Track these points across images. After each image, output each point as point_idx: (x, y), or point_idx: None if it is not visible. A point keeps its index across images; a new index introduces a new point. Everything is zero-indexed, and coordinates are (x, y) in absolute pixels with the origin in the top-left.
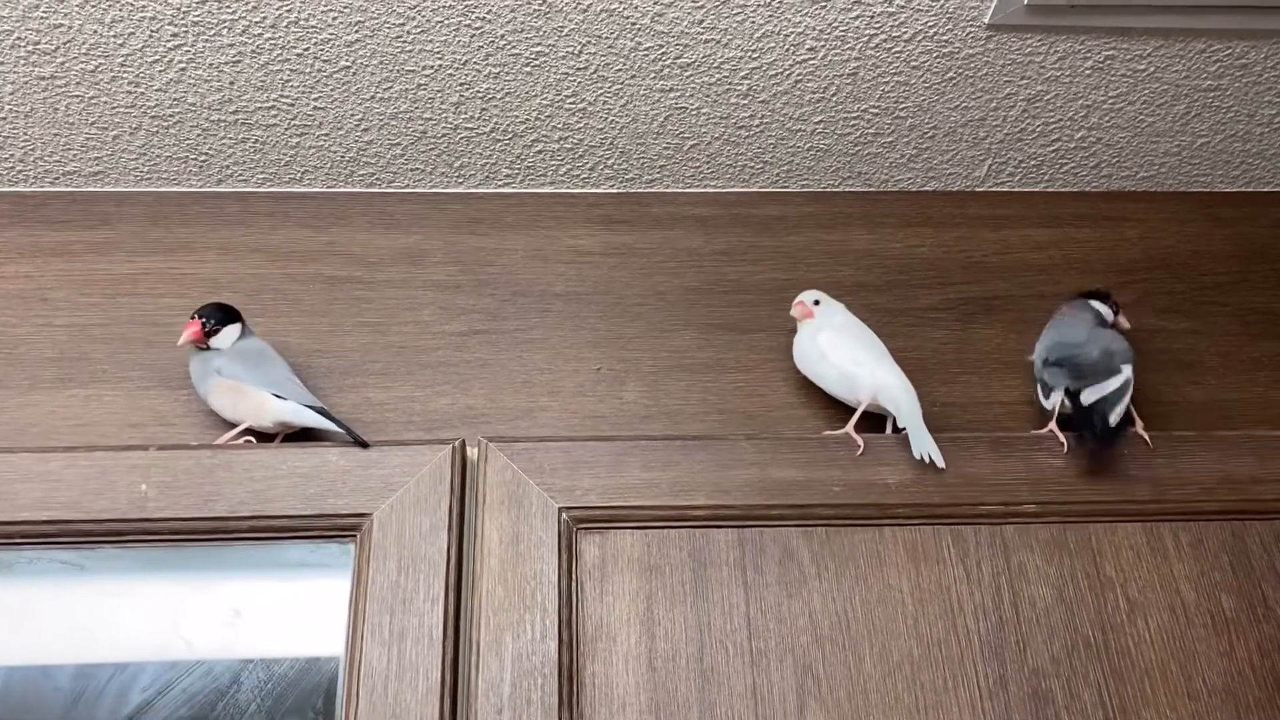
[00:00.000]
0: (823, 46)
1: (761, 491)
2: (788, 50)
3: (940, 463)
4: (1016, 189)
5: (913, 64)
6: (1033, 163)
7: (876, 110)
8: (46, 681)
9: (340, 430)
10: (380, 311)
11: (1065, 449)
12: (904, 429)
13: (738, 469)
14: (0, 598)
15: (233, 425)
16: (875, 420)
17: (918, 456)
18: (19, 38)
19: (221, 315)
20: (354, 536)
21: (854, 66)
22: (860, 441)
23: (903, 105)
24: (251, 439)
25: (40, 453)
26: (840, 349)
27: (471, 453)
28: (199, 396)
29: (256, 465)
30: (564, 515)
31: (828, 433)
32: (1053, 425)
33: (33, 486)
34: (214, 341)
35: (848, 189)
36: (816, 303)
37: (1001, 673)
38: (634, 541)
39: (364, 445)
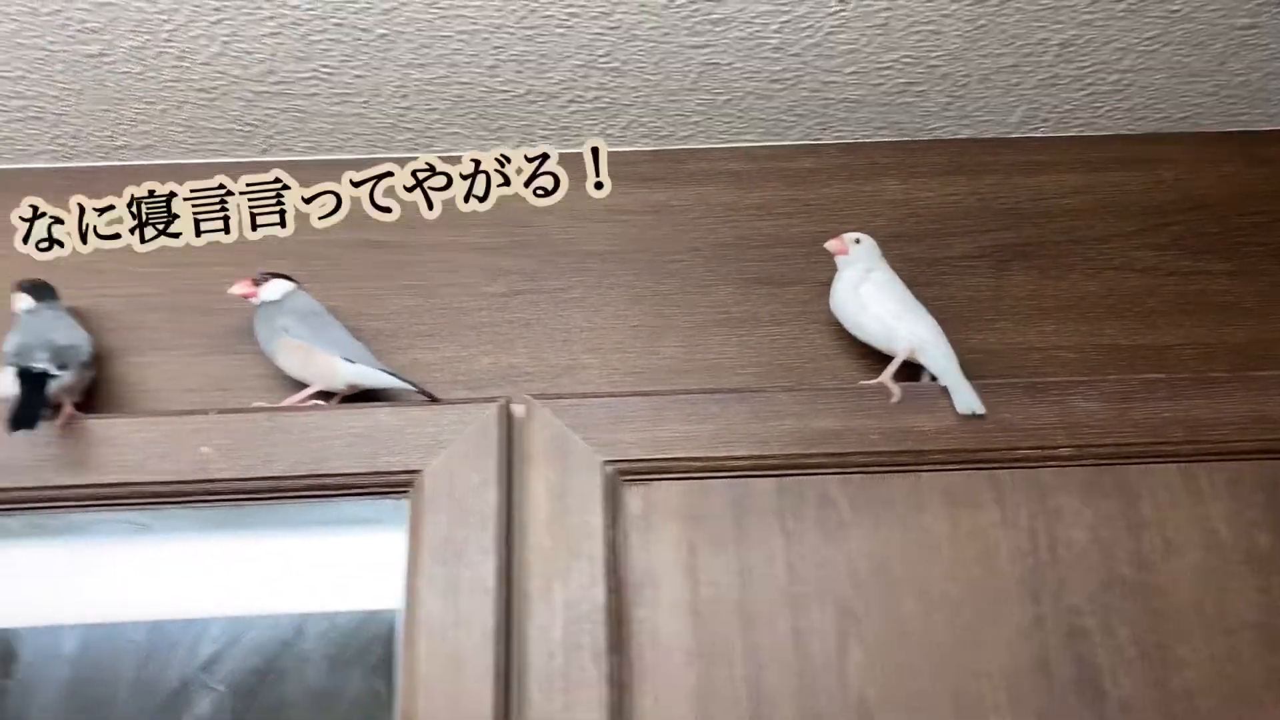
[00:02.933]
0: None
1: (800, 441)
2: (818, 2)
3: (983, 411)
4: (1050, 134)
5: (943, 12)
6: (1066, 108)
7: (908, 60)
8: (121, 636)
9: (410, 388)
10: (423, 275)
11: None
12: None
13: (775, 420)
14: (73, 558)
15: (296, 383)
16: (911, 369)
17: (963, 412)
18: (68, 17)
19: (270, 273)
20: (407, 492)
21: (884, 17)
22: (896, 391)
23: (934, 54)
24: (320, 401)
25: (107, 418)
26: (881, 302)
27: (517, 410)
28: (265, 355)
29: (312, 426)
30: (608, 468)
31: (864, 382)
32: None
33: (100, 451)
34: (263, 292)
35: (881, 139)
36: (857, 241)
37: (1038, 611)
38: (676, 492)
39: (434, 400)
